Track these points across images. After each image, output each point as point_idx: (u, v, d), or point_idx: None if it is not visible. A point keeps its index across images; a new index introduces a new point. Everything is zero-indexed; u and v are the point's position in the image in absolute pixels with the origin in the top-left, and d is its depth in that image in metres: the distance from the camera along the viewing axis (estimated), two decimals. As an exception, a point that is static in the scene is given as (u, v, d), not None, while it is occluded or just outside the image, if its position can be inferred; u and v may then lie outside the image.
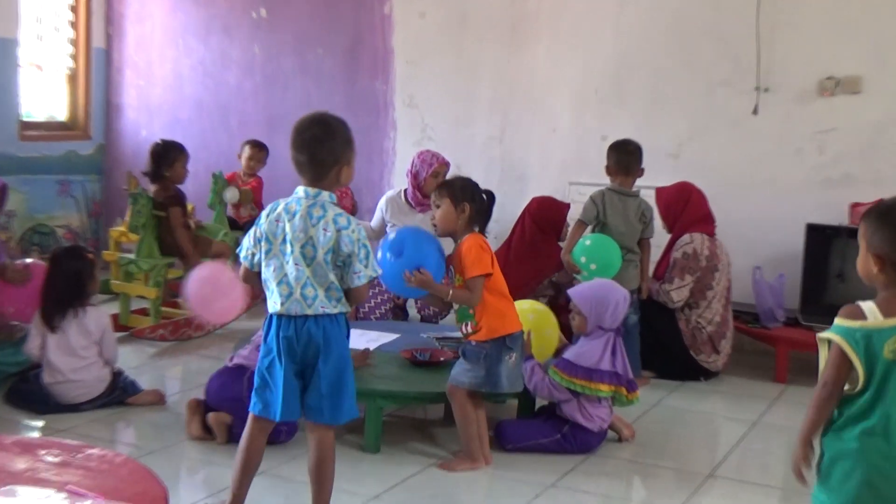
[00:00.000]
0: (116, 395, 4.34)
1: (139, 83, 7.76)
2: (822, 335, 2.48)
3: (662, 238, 5.32)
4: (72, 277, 4.29)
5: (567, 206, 5.75)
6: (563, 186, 6.25)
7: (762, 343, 5.53)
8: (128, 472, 2.60)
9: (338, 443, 3.08)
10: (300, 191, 2.98)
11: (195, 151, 6.34)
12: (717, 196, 5.43)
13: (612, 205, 4.97)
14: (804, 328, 5.32)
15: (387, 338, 4.61)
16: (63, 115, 7.67)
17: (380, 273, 3.06)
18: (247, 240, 3.05)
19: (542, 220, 5.62)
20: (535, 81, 6.45)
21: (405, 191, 5.71)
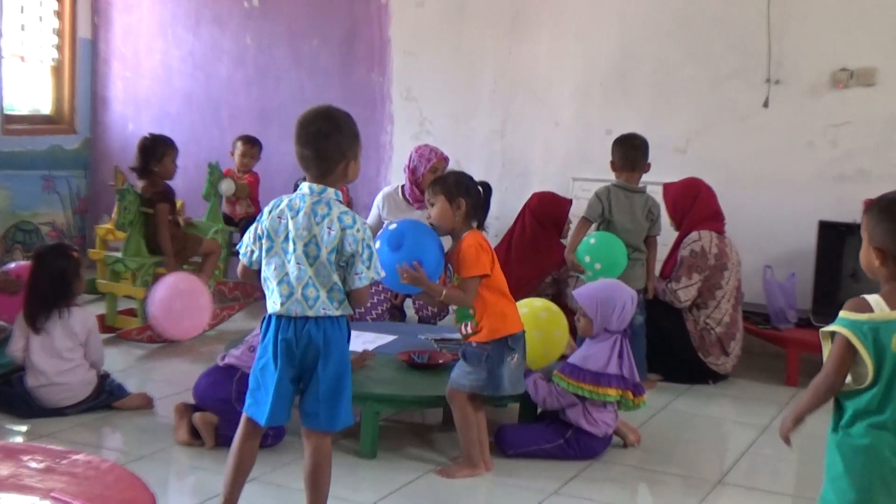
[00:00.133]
0: (103, 399, 4.33)
1: (126, 75, 7.76)
2: (826, 329, 2.53)
3: (669, 236, 5.33)
4: (56, 277, 4.28)
5: (569, 203, 5.75)
6: (566, 182, 6.25)
7: (773, 345, 5.54)
8: (114, 479, 2.59)
9: (333, 448, 3.07)
10: (305, 187, 2.98)
11: (185, 146, 6.34)
12: (726, 192, 5.43)
13: (618, 201, 4.96)
14: (816, 329, 5.25)
15: (384, 339, 4.61)
16: (47, 109, 7.67)
17: (382, 276, 3.06)
18: (247, 236, 3.05)
19: (544, 217, 5.62)
20: (538, 73, 6.45)
21: (402, 187, 5.72)
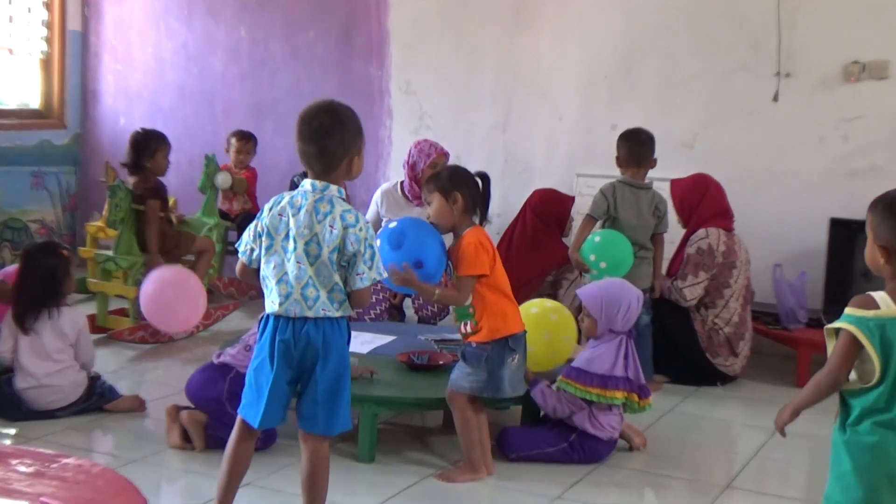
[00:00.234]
0: (93, 402, 4.33)
1: (118, 68, 7.75)
2: (831, 325, 2.55)
3: (677, 233, 5.32)
4: (46, 276, 4.29)
5: (571, 200, 5.75)
6: (570, 178, 6.25)
7: (783, 345, 5.54)
8: (105, 483, 2.59)
9: (330, 452, 3.07)
10: (307, 184, 2.98)
11: (177, 141, 6.33)
12: (735, 189, 5.42)
13: (624, 198, 4.96)
14: (827, 330, 5.31)
15: (382, 340, 4.61)
16: (36, 103, 7.66)
17: (384, 276, 3.06)
18: (246, 234, 3.05)
19: (545, 214, 5.62)
20: (541, 66, 6.44)
21: (401, 183, 5.71)
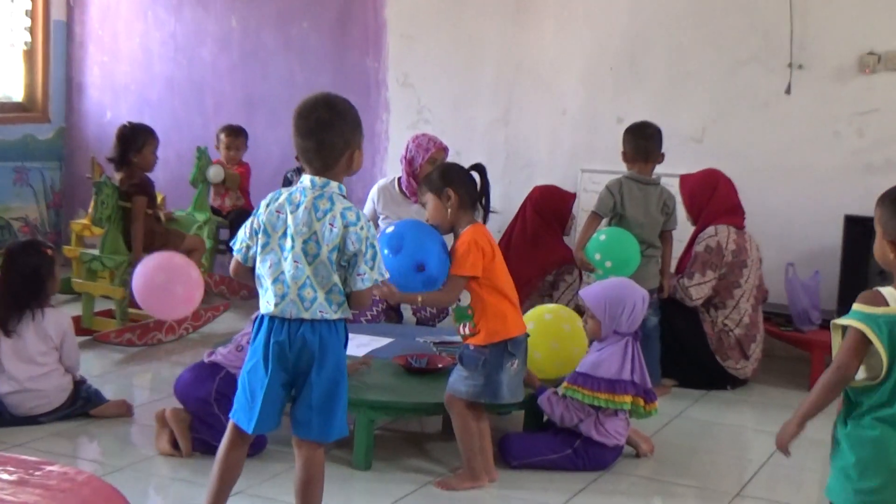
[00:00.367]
0: (79, 406, 4.33)
1: (104, 60, 7.75)
2: (839, 321, 2.59)
3: (686, 231, 5.32)
4: (29, 276, 4.28)
5: (573, 196, 5.74)
6: (575, 174, 6.25)
7: (796, 348, 5.54)
8: (91, 492, 2.59)
9: (325, 459, 3.07)
10: (306, 180, 2.97)
11: (166, 135, 6.34)
12: (745, 184, 5.42)
13: (631, 194, 4.96)
14: (842, 331, 5.31)
15: (379, 342, 4.60)
16: (19, 96, 7.67)
17: (386, 277, 3.06)
18: (242, 231, 3.05)
19: (546, 211, 5.62)
20: (544, 58, 6.44)
21: (399, 179, 5.71)
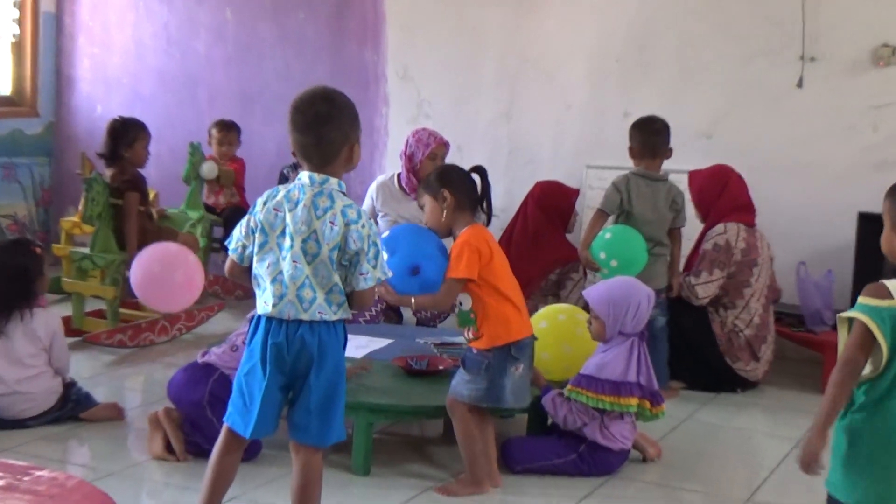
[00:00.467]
0: (68, 410, 4.33)
1: (94, 52, 7.74)
2: (844, 315, 2.66)
3: (695, 229, 5.32)
4: (17, 275, 4.28)
5: (575, 193, 5.74)
6: (579, 170, 6.25)
7: (808, 349, 5.53)
8: (81, 497, 2.59)
9: (323, 464, 3.06)
10: (304, 177, 2.97)
11: (158, 130, 6.33)
12: (756, 181, 5.42)
13: (639, 191, 4.96)
14: (856, 333, 5.30)
15: (378, 343, 4.60)
16: (7, 89, 7.66)
17: (389, 276, 3.05)
18: (238, 230, 3.04)
19: (548, 208, 5.62)
20: (548, 50, 6.44)
21: (398, 175, 5.71)
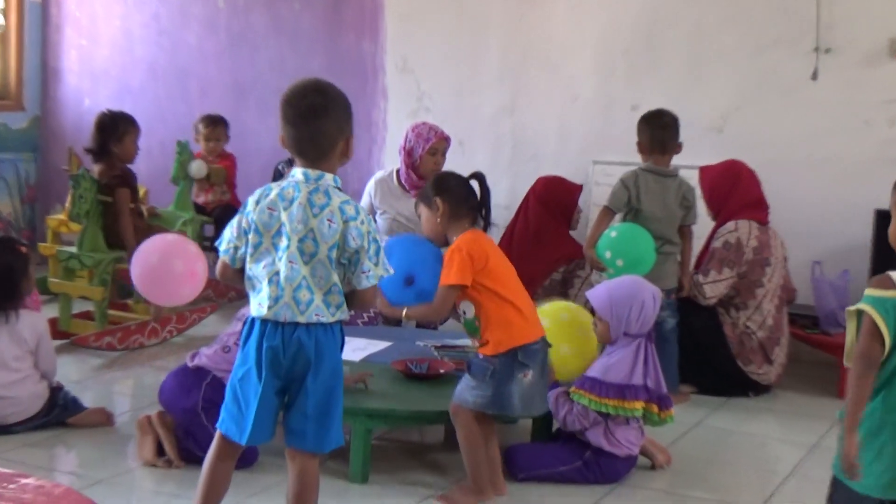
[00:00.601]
0: (55, 415, 4.33)
1: (82, 43, 7.74)
2: (852, 308, 2.72)
3: (706, 227, 5.31)
4: (1, 275, 4.27)
5: (579, 188, 5.74)
6: (586, 166, 6.24)
7: (823, 352, 5.52)
8: (68, 507, 2.58)
9: (320, 471, 3.06)
10: (298, 173, 2.96)
11: (148, 124, 6.33)
12: (769, 177, 5.41)
13: (648, 188, 4.95)
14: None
15: (377, 346, 4.59)
16: (-9, 82, 7.68)
17: (391, 273, 3.05)
18: (228, 230, 3.02)
19: (551, 204, 5.62)
20: (553, 41, 6.43)
21: (397, 171, 5.70)
